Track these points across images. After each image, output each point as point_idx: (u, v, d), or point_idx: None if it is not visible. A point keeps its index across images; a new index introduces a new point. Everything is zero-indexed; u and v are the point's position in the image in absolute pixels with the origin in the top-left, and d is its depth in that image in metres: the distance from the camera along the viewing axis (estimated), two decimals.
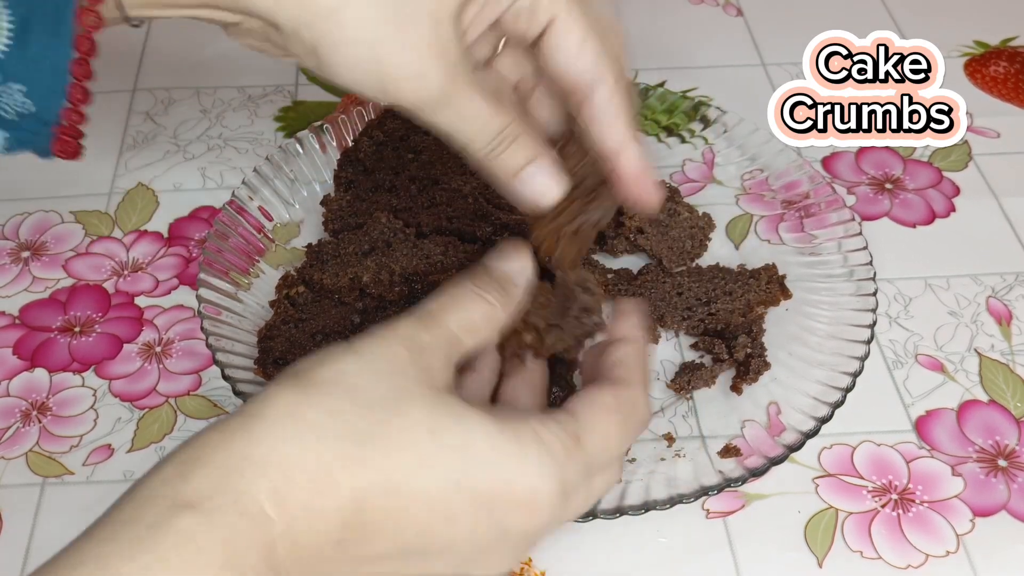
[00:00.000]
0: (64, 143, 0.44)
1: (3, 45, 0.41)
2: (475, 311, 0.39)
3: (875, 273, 0.57)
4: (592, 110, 0.43)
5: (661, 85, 0.73)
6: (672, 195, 0.62)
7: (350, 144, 0.64)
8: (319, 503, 0.33)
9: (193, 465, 0.33)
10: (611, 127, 0.43)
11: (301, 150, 0.63)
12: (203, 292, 0.54)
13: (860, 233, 0.59)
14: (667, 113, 0.67)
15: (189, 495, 0.32)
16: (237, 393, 0.50)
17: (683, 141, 0.67)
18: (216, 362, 0.51)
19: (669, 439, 0.52)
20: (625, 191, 0.44)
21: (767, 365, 0.54)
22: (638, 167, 0.43)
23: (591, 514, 0.47)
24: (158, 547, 0.30)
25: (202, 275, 0.55)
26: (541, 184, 0.43)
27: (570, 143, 0.44)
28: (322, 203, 0.61)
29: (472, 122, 0.42)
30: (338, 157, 0.63)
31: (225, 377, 0.50)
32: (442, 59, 0.40)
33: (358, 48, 0.40)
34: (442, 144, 0.62)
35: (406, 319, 0.38)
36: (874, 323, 0.54)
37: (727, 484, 0.48)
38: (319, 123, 0.64)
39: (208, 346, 0.52)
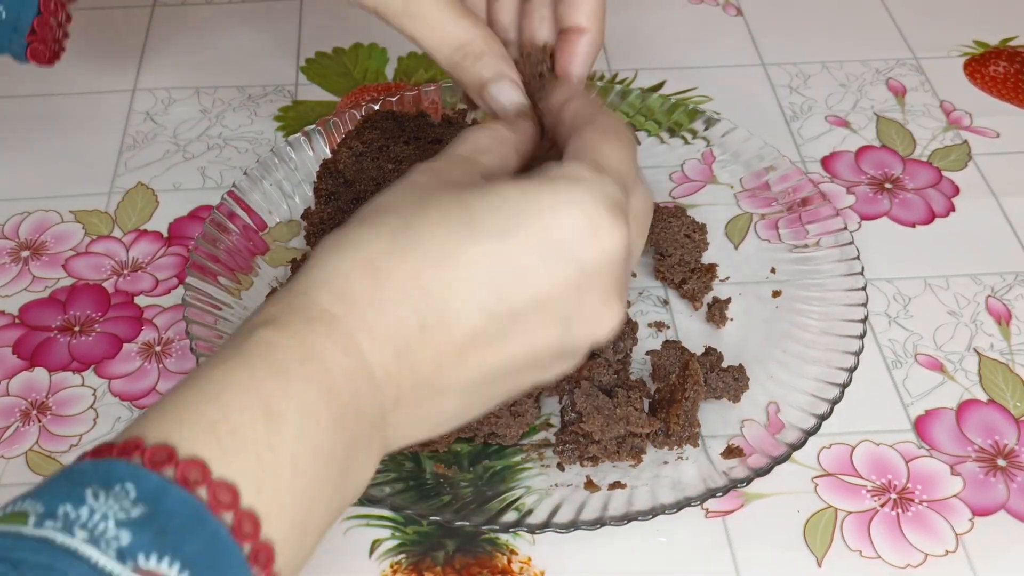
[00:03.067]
0: (36, 50, 0.48)
1: None
2: (480, 137, 0.42)
3: (863, 267, 0.57)
4: None
5: (661, 85, 0.73)
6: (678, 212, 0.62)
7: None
8: (380, 293, 0.35)
9: (266, 303, 0.36)
10: (579, 10, 0.46)
11: (293, 154, 0.63)
12: (188, 295, 0.54)
13: (845, 228, 0.59)
14: (668, 113, 0.67)
15: (263, 317, 0.34)
16: None
17: (685, 143, 0.67)
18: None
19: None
20: (561, 61, 0.47)
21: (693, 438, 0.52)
22: (584, 55, 0.47)
23: (599, 522, 0.47)
24: (241, 355, 0.33)
25: (189, 279, 0.55)
26: (503, 101, 0.46)
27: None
28: (303, 216, 0.60)
29: (433, 31, 0.45)
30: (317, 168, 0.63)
31: None
32: None
33: None
34: (422, 153, 0.62)
35: (416, 164, 0.40)
36: (866, 317, 0.54)
37: (733, 485, 0.48)
38: (311, 127, 0.64)
39: (192, 350, 0.52)
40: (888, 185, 0.67)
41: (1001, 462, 0.53)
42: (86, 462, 0.29)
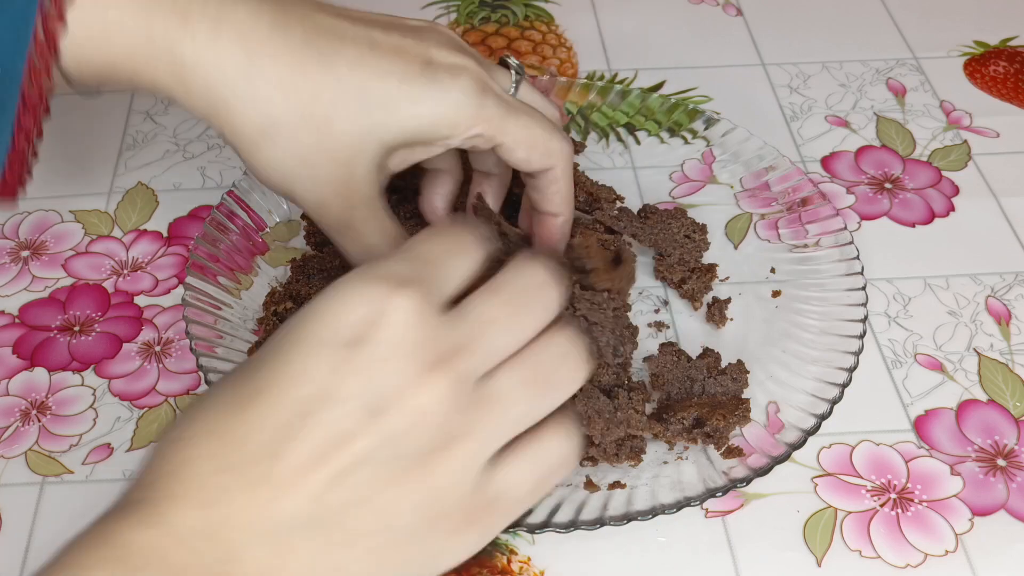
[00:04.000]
0: (5, 184, 0.49)
1: None
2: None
3: (863, 267, 0.57)
4: (536, 187, 0.52)
5: (661, 85, 0.73)
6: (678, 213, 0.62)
7: None
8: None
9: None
10: (550, 202, 0.52)
11: None
12: (188, 295, 0.54)
13: (845, 228, 0.59)
14: (668, 113, 0.67)
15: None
16: None
17: (685, 143, 0.67)
18: (205, 378, 0.51)
19: (670, 442, 0.52)
20: (539, 237, 0.54)
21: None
22: (558, 234, 0.53)
23: (599, 521, 0.47)
24: None
25: (189, 279, 0.55)
26: None
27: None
28: (303, 216, 0.60)
29: (363, 251, 0.50)
30: None
31: (207, 383, 0.50)
32: (343, 196, 0.48)
33: (274, 175, 0.48)
34: None
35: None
36: (866, 317, 0.54)
37: (733, 485, 0.48)
38: None
39: (192, 350, 0.52)
40: (888, 185, 0.67)
41: (1001, 462, 0.53)
42: None
